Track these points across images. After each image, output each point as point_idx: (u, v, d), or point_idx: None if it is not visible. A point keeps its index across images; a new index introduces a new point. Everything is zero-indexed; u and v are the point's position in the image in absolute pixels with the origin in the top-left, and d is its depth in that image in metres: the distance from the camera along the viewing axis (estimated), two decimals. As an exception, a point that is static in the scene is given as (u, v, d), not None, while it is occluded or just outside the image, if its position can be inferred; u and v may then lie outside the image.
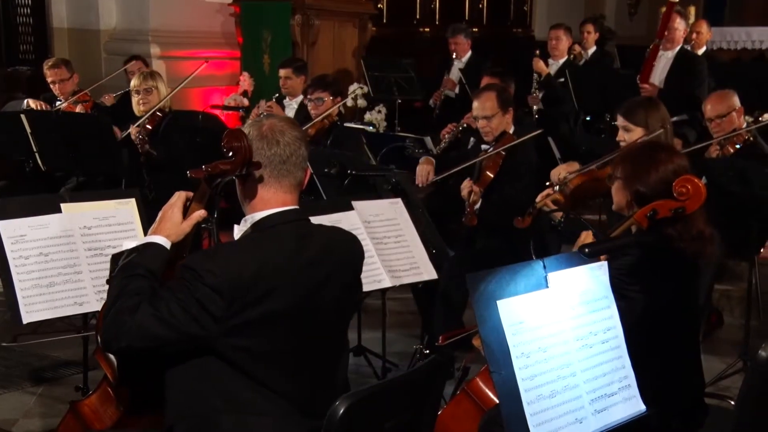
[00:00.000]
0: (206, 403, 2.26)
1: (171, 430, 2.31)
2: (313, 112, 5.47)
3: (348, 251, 2.50)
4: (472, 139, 5.76)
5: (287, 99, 6.44)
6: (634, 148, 3.12)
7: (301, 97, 6.29)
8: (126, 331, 2.17)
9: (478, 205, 4.54)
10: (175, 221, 2.39)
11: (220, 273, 2.18)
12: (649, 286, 2.73)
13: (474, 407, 3.01)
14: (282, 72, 6.44)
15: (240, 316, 2.20)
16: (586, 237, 2.96)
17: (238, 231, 2.40)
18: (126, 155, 5.46)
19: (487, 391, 2.96)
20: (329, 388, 2.37)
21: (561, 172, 4.30)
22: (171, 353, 2.25)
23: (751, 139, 4.82)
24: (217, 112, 7.29)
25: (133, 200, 3.34)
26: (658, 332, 2.75)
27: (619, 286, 2.64)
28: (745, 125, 4.88)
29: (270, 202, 2.36)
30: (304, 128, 5.20)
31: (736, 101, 4.85)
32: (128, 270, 2.28)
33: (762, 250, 4.87)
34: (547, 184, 4.43)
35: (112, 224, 3.26)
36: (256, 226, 2.36)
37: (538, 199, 3.87)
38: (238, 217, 2.45)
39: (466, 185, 4.55)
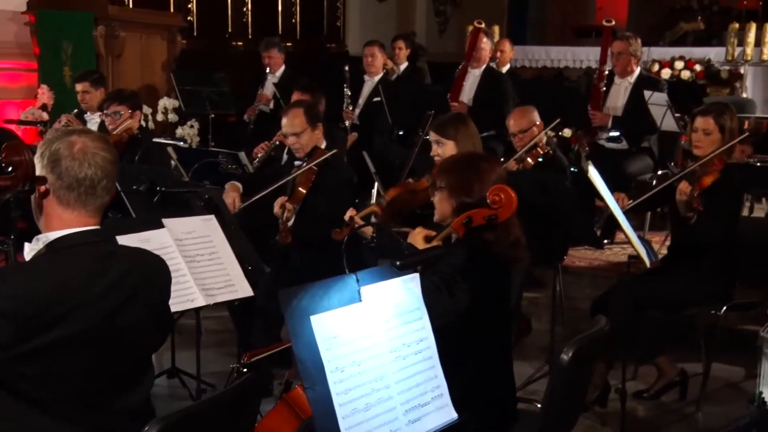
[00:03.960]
0: None
1: None
2: (111, 126, 5.27)
3: (153, 273, 2.38)
4: (285, 155, 5.74)
5: (88, 114, 6.17)
6: (458, 160, 3.16)
7: (104, 111, 6.06)
8: None
9: (291, 222, 4.51)
10: None
11: (7, 297, 2.03)
12: (470, 289, 2.80)
13: (293, 416, 2.99)
14: (79, 86, 6.15)
15: (29, 343, 2.05)
16: (419, 232, 2.99)
17: (29, 250, 2.23)
18: None
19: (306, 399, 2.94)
20: (129, 414, 2.26)
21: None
22: None
23: (551, 152, 5.09)
24: (13, 126, 6.85)
25: None
26: (471, 338, 2.83)
27: (448, 281, 2.69)
28: (545, 139, 5.15)
29: (70, 223, 2.22)
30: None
31: (537, 116, 5.12)
32: None
33: (565, 258, 5.14)
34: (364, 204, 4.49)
35: None
36: (51, 246, 2.20)
37: (349, 212, 3.87)
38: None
39: (278, 202, 4.51)
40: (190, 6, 9.55)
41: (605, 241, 6.10)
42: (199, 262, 3.62)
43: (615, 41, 6.43)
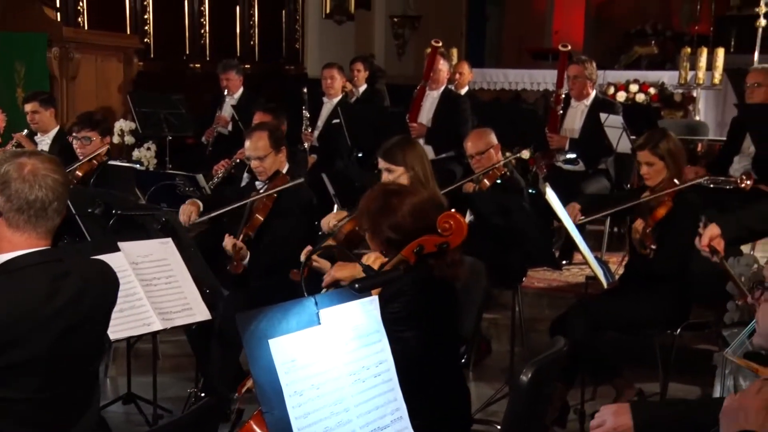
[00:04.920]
0: None
1: None
2: (80, 151, 5.21)
3: (106, 287, 2.37)
4: (246, 174, 5.70)
5: (38, 135, 6.09)
6: (368, 200, 3.10)
7: (54, 132, 6.00)
8: None
9: (246, 261, 4.43)
10: None
11: None
12: (423, 321, 2.81)
13: None
14: (28, 107, 6.09)
15: None
16: (375, 259, 2.97)
17: None
18: None
19: (262, 432, 2.90)
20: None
21: (331, 220, 4.35)
22: None
23: (508, 173, 5.13)
24: (-37, 150, 6.76)
25: None
26: (428, 362, 2.82)
27: (393, 330, 2.68)
28: (503, 161, 5.19)
29: (20, 245, 2.19)
30: (70, 169, 4.95)
31: (494, 138, 5.16)
32: None
33: (524, 279, 5.16)
34: (320, 234, 4.45)
35: None
36: (2, 269, 2.17)
37: (306, 251, 3.81)
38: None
39: (229, 242, 4.41)
40: (147, 28, 9.50)
41: (563, 262, 6.15)
42: (155, 285, 3.58)
43: (571, 65, 6.51)
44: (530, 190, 5.39)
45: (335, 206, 5.64)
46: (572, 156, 6.39)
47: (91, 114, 5.57)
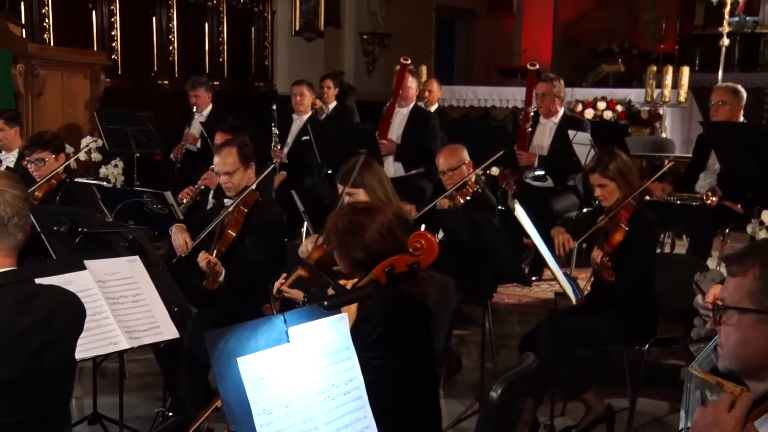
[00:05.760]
0: None
1: None
2: (36, 174, 5.13)
3: (74, 313, 2.33)
4: (211, 199, 5.66)
5: (3, 153, 6.03)
6: (336, 219, 3.08)
7: (18, 150, 5.92)
8: None
9: (222, 277, 4.41)
10: None
11: None
12: (396, 343, 2.79)
13: None
14: None
15: None
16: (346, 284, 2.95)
17: None
18: None
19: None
20: None
21: (308, 245, 4.34)
22: None
23: (480, 190, 5.15)
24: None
25: None
26: (400, 382, 2.81)
27: (364, 357, 2.67)
28: (474, 178, 5.22)
29: None
30: (30, 190, 4.88)
31: (466, 155, 5.19)
32: None
33: (494, 295, 5.17)
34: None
35: None
36: None
37: (277, 285, 3.77)
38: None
39: (203, 257, 4.40)
40: (114, 44, 9.43)
41: (533, 278, 6.18)
42: (122, 303, 3.53)
43: (539, 83, 6.55)
44: (500, 207, 5.41)
45: (305, 223, 5.62)
46: (541, 173, 6.43)
47: (41, 134, 5.46)
